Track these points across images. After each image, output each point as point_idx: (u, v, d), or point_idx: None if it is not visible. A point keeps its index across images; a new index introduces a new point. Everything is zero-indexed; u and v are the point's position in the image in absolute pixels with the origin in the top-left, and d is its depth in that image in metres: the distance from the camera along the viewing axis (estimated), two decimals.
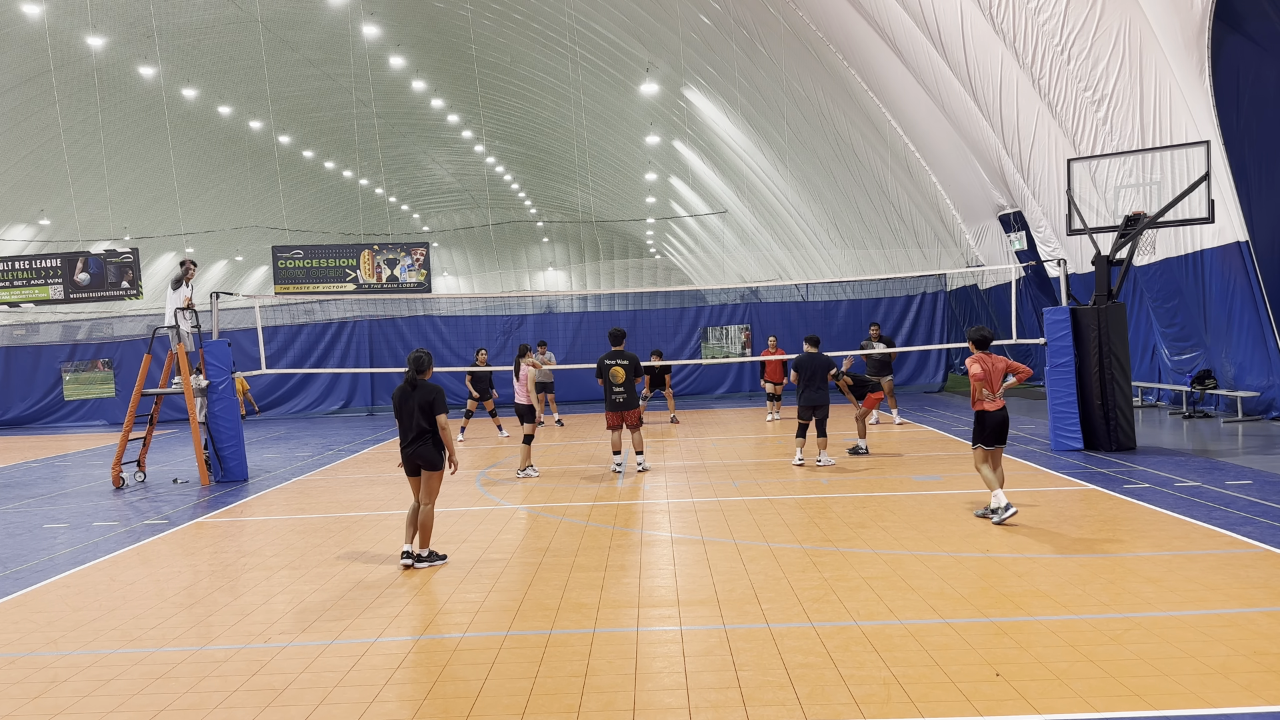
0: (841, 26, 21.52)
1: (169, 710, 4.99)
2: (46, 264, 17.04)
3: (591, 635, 5.91)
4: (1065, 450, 12.84)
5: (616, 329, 13.00)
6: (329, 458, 15.85)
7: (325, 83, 43.55)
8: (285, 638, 6.11)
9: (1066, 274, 13.74)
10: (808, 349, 12.77)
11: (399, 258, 20.54)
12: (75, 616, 6.80)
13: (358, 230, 58.06)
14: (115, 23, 33.95)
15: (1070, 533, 8.14)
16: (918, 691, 4.80)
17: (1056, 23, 15.53)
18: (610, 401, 12.70)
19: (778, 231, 40.59)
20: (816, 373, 12.52)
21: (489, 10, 35.66)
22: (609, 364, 12.60)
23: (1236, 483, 10.04)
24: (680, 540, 8.45)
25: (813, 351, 12.70)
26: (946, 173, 23.84)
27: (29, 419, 25.77)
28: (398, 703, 4.96)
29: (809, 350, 12.73)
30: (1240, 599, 6.09)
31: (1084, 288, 16.80)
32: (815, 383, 12.51)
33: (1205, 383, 16.30)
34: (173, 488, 13.07)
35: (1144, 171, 13.81)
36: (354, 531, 9.45)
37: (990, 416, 8.77)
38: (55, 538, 9.82)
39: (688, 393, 25.58)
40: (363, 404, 26.00)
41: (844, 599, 6.44)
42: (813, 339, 12.93)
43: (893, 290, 25.71)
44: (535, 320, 26.03)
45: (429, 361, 8.04)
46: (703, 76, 31.38)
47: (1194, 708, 4.49)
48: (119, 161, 43.10)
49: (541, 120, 49.51)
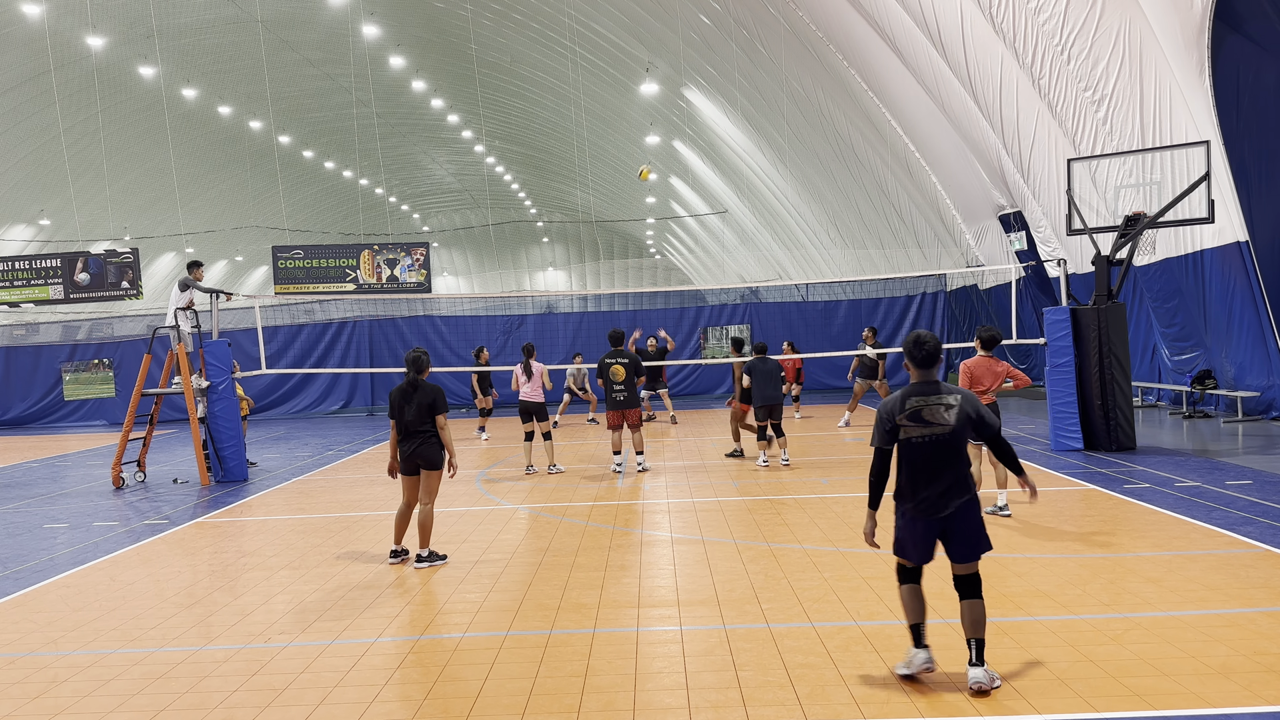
0: (841, 26, 21.51)
1: (169, 710, 4.99)
2: (46, 264, 17.03)
3: (591, 635, 5.91)
4: (1065, 450, 12.84)
5: (616, 330, 13.14)
6: (329, 458, 15.85)
7: (325, 83, 43.53)
8: (285, 638, 6.10)
9: (1066, 274, 13.74)
10: (756, 355, 13.01)
11: (399, 258, 20.53)
12: (75, 616, 6.79)
13: (358, 230, 58.04)
14: (115, 23, 33.93)
15: (1070, 533, 8.14)
16: (918, 691, 4.80)
17: (1056, 23, 15.53)
18: (611, 400, 12.74)
19: (778, 231, 40.58)
20: (770, 375, 12.81)
21: (489, 10, 35.64)
22: (609, 363, 12.66)
23: (1236, 483, 10.04)
24: (680, 540, 8.45)
25: (764, 356, 12.97)
26: (946, 173, 23.84)
27: (29, 419, 25.77)
28: (398, 703, 4.96)
29: (759, 356, 12.97)
30: (1240, 599, 6.09)
31: (1084, 288, 16.79)
32: (770, 385, 12.79)
33: (1205, 383, 16.29)
34: (173, 488, 13.07)
35: (1144, 171, 13.82)
36: (354, 531, 9.45)
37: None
38: (55, 538, 9.82)
39: (687, 393, 25.59)
40: (363, 404, 26.00)
41: (844, 599, 6.44)
42: (761, 346, 13.19)
43: (893, 290, 25.71)
44: (535, 320, 26.03)
45: (428, 362, 8.05)
46: (703, 76, 31.37)
47: (1194, 708, 4.49)
48: (119, 161, 43.07)
49: (541, 120, 49.49)
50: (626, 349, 13.08)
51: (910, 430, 4.94)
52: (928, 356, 4.98)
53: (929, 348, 4.97)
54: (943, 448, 4.92)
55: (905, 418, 4.95)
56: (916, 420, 4.93)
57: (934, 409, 4.91)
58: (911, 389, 5.00)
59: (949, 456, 4.93)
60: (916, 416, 4.93)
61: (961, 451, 4.96)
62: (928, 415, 4.91)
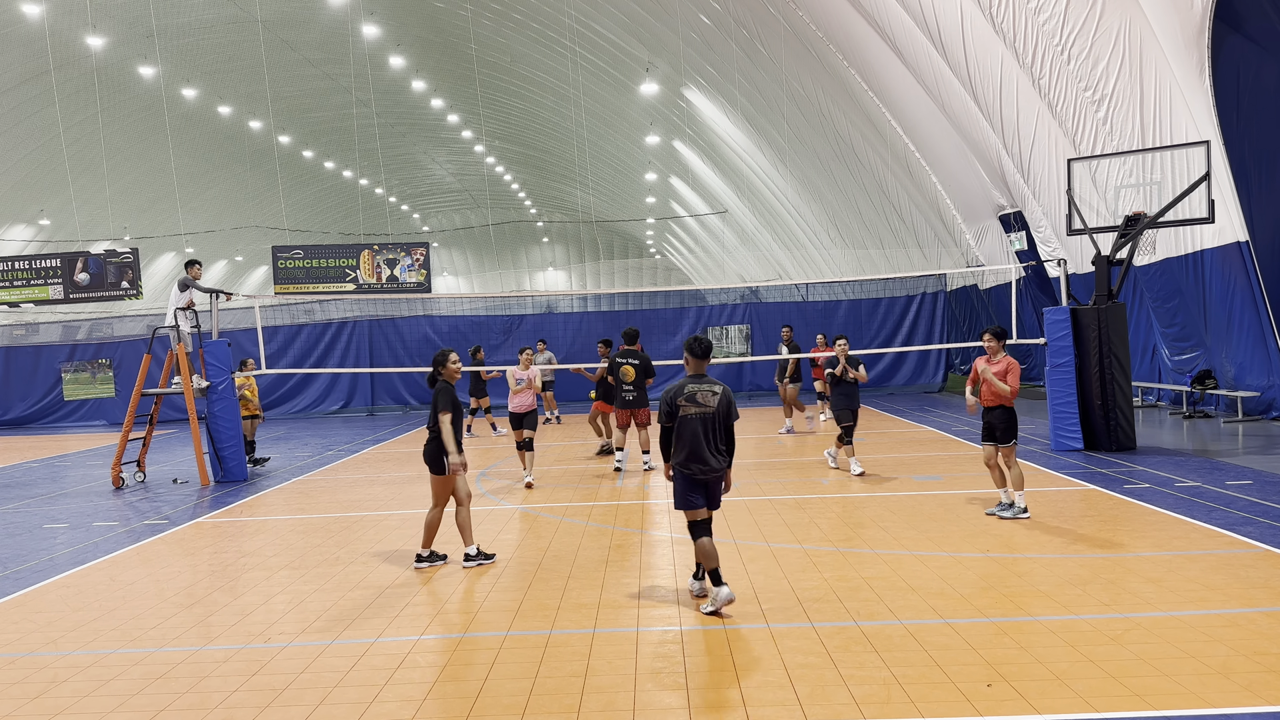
0: (841, 26, 21.52)
1: (169, 710, 4.99)
2: (46, 264, 17.03)
3: (591, 635, 5.91)
4: (1065, 450, 12.84)
5: (631, 329, 13.13)
6: (329, 458, 15.85)
7: (325, 83, 43.53)
8: (285, 638, 6.10)
9: (1066, 274, 13.74)
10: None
11: (399, 258, 20.53)
12: (75, 616, 6.79)
13: (358, 230, 58.03)
14: (115, 23, 33.94)
15: (1070, 533, 8.14)
16: (918, 691, 4.80)
17: (1056, 23, 15.53)
18: (620, 400, 12.76)
19: (778, 231, 40.58)
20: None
21: (489, 10, 35.64)
22: (620, 363, 12.69)
23: (1236, 483, 10.04)
24: (680, 540, 8.44)
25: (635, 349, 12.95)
26: (946, 173, 23.84)
27: (29, 419, 25.76)
28: (398, 703, 4.96)
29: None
30: (1240, 599, 6.08)
31: (1084, 288, 16.79)
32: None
33: (1205, 383, 16.29)
34: (173, 488, 13.06)
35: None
36: (354, 531, 9.45)
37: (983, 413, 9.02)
38: (55, 538, 9.82)
39: None
40: (363, 404, 26.00)
41: (844, 599, 6.43)
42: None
43: (893, 290, 25.70)
44: (535, 320, 26.03)
45: (442, 360, 7.92)
46: (703, 76, 31.37)
47: (1194, 708, 4.49)
48: (119, 161, 43.07)
49: (541, 120, 49.49)
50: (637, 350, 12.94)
51: (687, 409, 6.37)
52: (704, 351, 6.46)
53: (705, 344, 6.49)
54: (708, 423, 6.36)
55: (684, 399, 6.38)
56: (692, 401, 6.38)
57: (704, 394, 6.39)
58: (690, 379, 6.45)
59: (713, 430, 6.36)
60: (692, 399, 6.38)
61: (721, 427, 6.39)
62: (700, 398, 6.37)
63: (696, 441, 6.31)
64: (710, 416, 6.33)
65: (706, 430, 6.33)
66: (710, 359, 6.52)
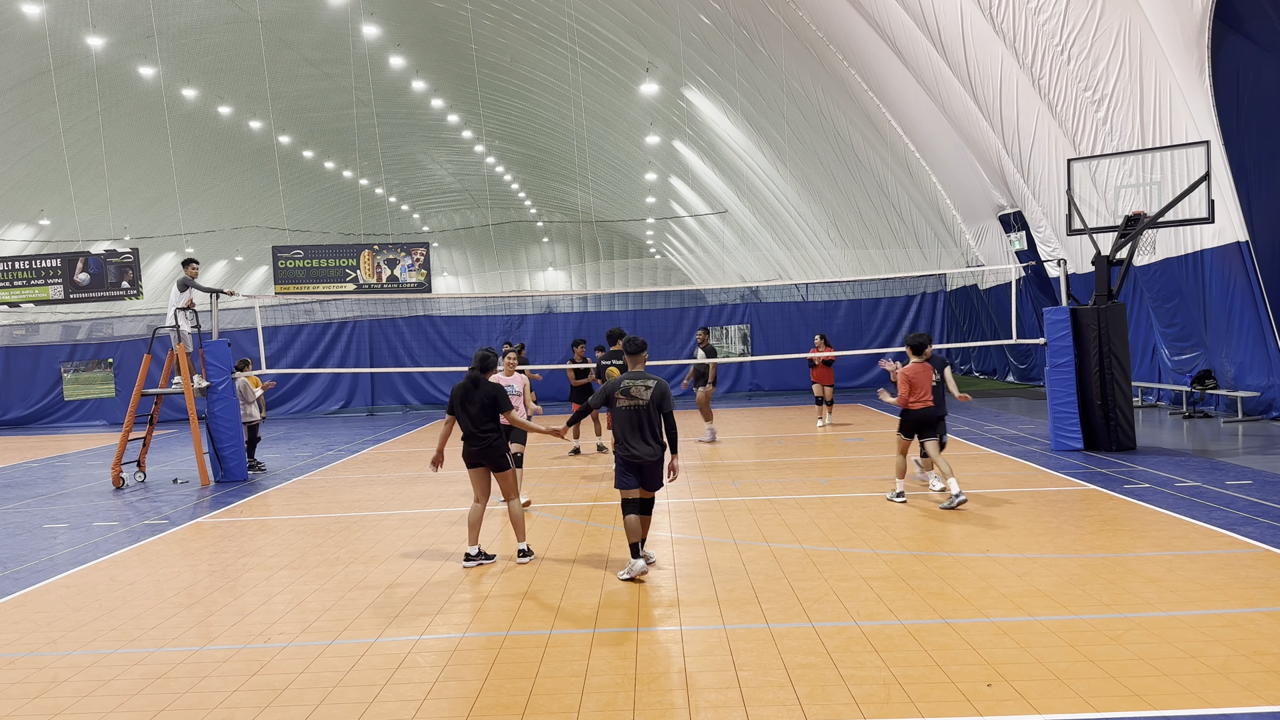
0: (841, 26, 21.52)
1: (169, 710, 4.99)
2: (46, 264, 17.02)
3: (591, 635, 5.91)
4: (1065, 450, 12.84)
5: (615, 329, 12.89)
6: (329, 458, 15.85)
7: (325, 83, 43.53)
8: (285, 638, 6.10)
9: (1066, 274, 13.74)
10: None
11: (399, 258, 20.53)
12: (75, 616, 6.79)
13: (358, 230, 58.04)
14: (115, 23, 33.94)
15: (1070, 533, 8.14)
16: (918, 691, 4.80)
17: (1056, 23, 15.53)
18: None
19: (778, 231, 40.59)
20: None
21: (489, 10, 35.65)
22: (606, 364, 12.64)
23: (1236, 483, 10.04)
24: (680, 540, 8.44)
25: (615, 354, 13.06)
26: (946, 173, 23.85)
27: (29, 419, 25.76)
28: (398, 703, 4.96)
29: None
30: (1240, 599, 6.08)
31: (1084, 288, 16.79)
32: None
33: (1205, 383, 16.29)
34: (173, 488, 13.07)
35: (1144, 171, 13.81)
36: (354, 531, 9.45)
37: (912, 414, 9.73)
38: (55, 538, 9.82)
39: (687, 393, 25.52)
40: (363, 404, 26.01)
41: (844, 599, 6.43)
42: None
43: (893, 290, 25.70)
44: (535, 320, 26.04)
45: (495, 361, 8.05)
46: (703, 76, 31.38)
47: (1194, 708, 4.49)
48: (119, 161, 43.05)
49: (541, 120, 49.50)
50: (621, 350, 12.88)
51: (622, 401, 7.18)
52: (638, 349, 7.37)
53: (637, 343, 7.38)
54: (641, 414, 7.17)
55: (619, 393, 7.21)
56: (626, 395, 7.19)
57: (638, 388, 7.19)
58: (628, 374, 7.31)
59: (644, 421, 7.17)
60: (627, 392, 7.18)
61: (653, 418, 7.18)
62: (634, 392, 7.18)
63: (629, 430, 7.15)
64: (642, 409, 7.12)
65: (638, 420, 7.13)
66: (644, 355, 7.37)
